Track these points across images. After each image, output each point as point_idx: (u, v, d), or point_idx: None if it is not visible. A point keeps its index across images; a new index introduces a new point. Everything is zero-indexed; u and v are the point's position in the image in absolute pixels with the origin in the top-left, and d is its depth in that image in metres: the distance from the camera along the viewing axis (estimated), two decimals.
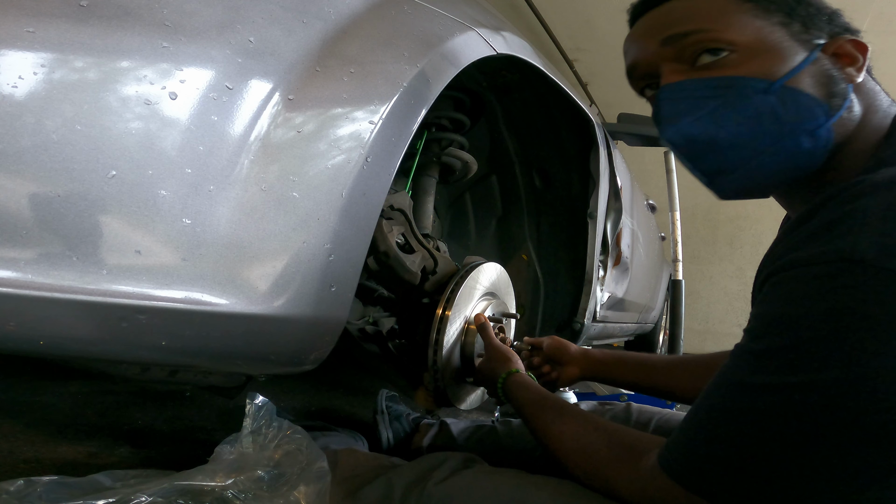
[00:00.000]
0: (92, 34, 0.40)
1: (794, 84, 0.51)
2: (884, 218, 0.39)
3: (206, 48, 0.46)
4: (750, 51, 0.52)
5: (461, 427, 1.04)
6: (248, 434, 0.67)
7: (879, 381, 0.38)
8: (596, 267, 1.41)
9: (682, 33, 0.54)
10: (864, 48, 0.53)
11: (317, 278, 0.52)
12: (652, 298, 2.68)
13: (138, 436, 0.99)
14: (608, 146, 1.46)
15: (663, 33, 0.56)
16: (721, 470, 0.45)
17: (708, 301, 5.36)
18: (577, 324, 1.42)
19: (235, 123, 0.48)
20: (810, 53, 0.52)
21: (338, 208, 0.53)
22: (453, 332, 0.93)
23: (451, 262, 1.00)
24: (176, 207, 0.44)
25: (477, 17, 0.83)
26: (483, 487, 0.61)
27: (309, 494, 0.61)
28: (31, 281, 0.38)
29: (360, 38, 0.59)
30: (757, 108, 0.51)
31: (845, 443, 0.40)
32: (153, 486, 0.56)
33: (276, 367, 0.57)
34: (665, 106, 0.55)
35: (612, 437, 0.59)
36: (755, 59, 0.52)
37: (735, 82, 0.52)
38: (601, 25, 3.86)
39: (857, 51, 0.53)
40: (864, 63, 0.53)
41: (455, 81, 0.71)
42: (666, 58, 0.56)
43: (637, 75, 0.61)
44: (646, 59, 0.58)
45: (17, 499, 0.53)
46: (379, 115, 0.56)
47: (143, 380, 0.61)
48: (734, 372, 0.47)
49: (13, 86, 0.37)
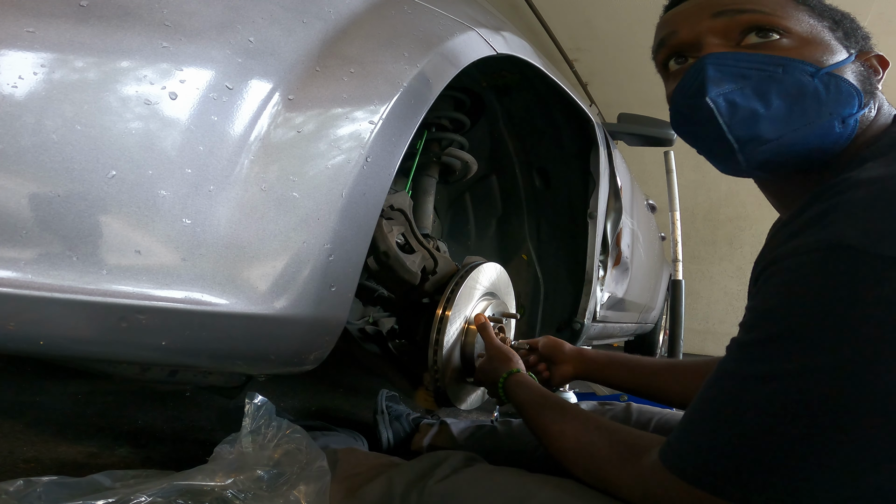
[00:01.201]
0: (92, 34, 0.40)
1: (839, 72, 0.55)
2: (868, 207, 0.41)
3: (206, 48, 0.46)
4: (801, 39, 0.56)
5: (461, 427, 1.04)
6: (248, 434, 0.67)
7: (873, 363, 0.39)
8: (596, 267, 1.41)
9: (739, 9, 0.57)
10: (886, 64, 0.60)
11: (317, 278, 0.52)
12: (652, 298, 2.68)
13: (138, 436, 0.99)
14: (608, 146, 1.46)
15: (717, 7, 0.58)
16: (723, 462, 0.46)
17: (708, 301, 5.36)
18: (577, 324, 1.42)
19: (235, 123, 0.48)
20: (850, 55, 0.57)
21: (338, 208, 0.53)
22: (453, 332, 0.93)
23: (451, 262, 1.00)
24: (176, 207, 0.44)
25: (477, 17, 0.83)
26: (483, 485, 0.61)
27: (309, 494, 0.61)
28: (31, 281, 0.38)
29: (360, 38, 0.59)
30: (802, 88, 0.54)
31: (845, 427, 0.40)
32: (153, 486, 0.56)
33: (276, 367, 0.57)
34: (711, 70, 0.57)
35: (613, 436, 0.59)
36: (806, 47, 0.56)
37: (787, 62, 0.55)
38: (601, 25, 3.86)
39: (880, 65, 0.59)
40: (883, 76, 0.59)
41: (455, 81, 0.71)
42: (713, 31, 0.58)
43: (671, 44, 0.62)
44: (690, 29, 0.60)
45: (16, 499, 0.53)
46: (379, 115, 0.56)
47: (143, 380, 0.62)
48: (731, 364, 0.48)
49: (13, 86, 0.37)
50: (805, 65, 0.55)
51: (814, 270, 0.41)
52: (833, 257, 0.41)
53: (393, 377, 1.05)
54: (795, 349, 0.42)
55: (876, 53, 0.59)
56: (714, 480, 0.46)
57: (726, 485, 0.45)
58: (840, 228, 0.41)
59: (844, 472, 0.41)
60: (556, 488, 0.58)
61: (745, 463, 0.44)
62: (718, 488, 0.46)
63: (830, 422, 0.40)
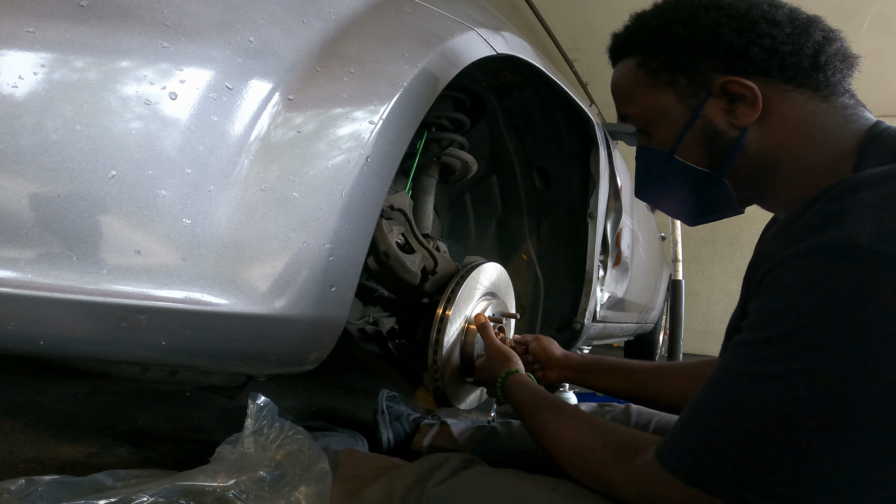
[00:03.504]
0: (92, 34, 0.40)
1: (681, 156, 0.61)
2: (878, 208, 0.41)
3: (206, 48, 0.46)
4: (652, 121, 0.63)
5: (462, 428, 1.04)
6: (250, 434, 0.67)
7: (880, 363, 0.38)
8: (596, 267, 1.41)
9: (622, 115, 0.68)
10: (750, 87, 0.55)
11: (317, 278, 0.52)
12: (652, 298, 2.68)
13: (138, 436, 0.99)
14: (608, 146, 1.46)
15: (618, 110, 0.69)
16: (721, 461, 0.45)
17: (708, 301, 5.36)
18: (577, 324, 1.42)
19: (235, 123, 0.48)
20: (693, 113, 0.59)
21: (338, 208, 0.53)
22: (453, 332, 0.93)
23: (451, 262, 1.00)
24: (176, 207, 0.44)
25: (477, 17, 0.83)
26: (481, 488, 0.61)
27: (310, 495, 0.61)
28: (31, 281, 0.38)
29: (360, 38, 0.59)
30: (665, 174, 0.64)
31: (848, 427, 0.40)
32: (155, 486, 0.56)
33: (277, 367, 0.57)
34: (637, 166, 0.69)
35: (608, 436, 0.59)
36: (658, 128, 0.63)
37: (647, 151, 0.65)
38: (601, 25, 3.86)
39: (742, 90, 0.56)
40: (755, 97, 0.55)
41: (455, 81, 0.71)
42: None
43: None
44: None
45: (18, 498, 0.53)
46: (379, 115, 0.56)
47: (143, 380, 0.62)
48: (734, 363, 0.47)
49: (13, 86, 0.37)
50: (658, 152, 0.63)
51: (823, 271, 0.41)
52: (842, 256, 0.40)
53: (393, 377, 1.05)
54: (804, 349, 0.42)
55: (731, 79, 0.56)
56: (711, 480, 0.46)
57: (723, 484, 0.45)
58: (850, 228, 0.41)
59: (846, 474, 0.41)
60: (552, 491, 0.57)
61: (744, 462, 0.44)
62: (715, 488, 0.45)
63: (837, 422, 0.40)
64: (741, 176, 0.59)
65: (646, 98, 0.62)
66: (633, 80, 0.63)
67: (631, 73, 0.64)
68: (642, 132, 0.65)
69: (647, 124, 0.63)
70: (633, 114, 0.65)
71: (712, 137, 0.58)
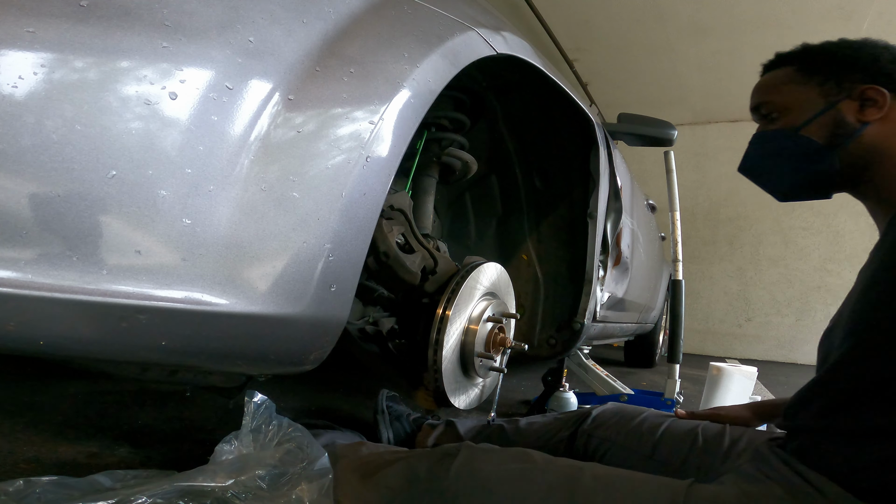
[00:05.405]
0: (92, 34, 0.40)
1: (806, 133, 0.75)
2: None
3: (206, 48, 0.46)
4: (788, 106, 0.77)
5: (468, 426, 1.04)
6: (248, 432, 0.67)
7: None
8: (596, 267, 1.41)
9: (757, 104, 0.82)
10: (883, 93, 0.72)
11: (317, 278, 0.52)
12: (652, 298, 2.68)
13: (138, 436, 0.99)
14: (608, 146, 1.46)
15: (751, 102, 0.84)
16: None
17: (708, 301, 5.35)
18: (577, 324, 1.42)
19: (235, 123, 0.47)
20: (830, 103, 0.74)
21: (338, 208, 0.53)
22: (453, 332, 0.93)
23: (451, 262, 1.00)
24: (176, 207, 0.44)
25: (477, 17, 0.83)
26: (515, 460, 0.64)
27: (311, 491, 0.61)
28: (31, 281, 0.38)
29: (360, 38, 0.59)
30: (782, 148, 0.77)
31: None
32: (154, 486, 0.56)
33: (276, 367, 0.57)
34: (749, 146, 0.83)
35: None
36: (790, 113, 0.77)
37: (765, 134, 0.80)
38: (601, 25, 3.86)
39: (877, 95, 0.72)
40: (884, 103, 0.71)
41: (455, 81, 0.71)
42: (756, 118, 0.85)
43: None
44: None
45: (16, 500, 0.53)
46: (379, 114, 0.56)
47: (143, 380, 0.61)
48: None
49: (13, 86, 0.37)
50: (782, 131, 0.77)
51: None
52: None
53: (393, 377, 1.05)
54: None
55: (868, 86, 0.72)
56: None
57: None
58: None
59: None
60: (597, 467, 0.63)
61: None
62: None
63: None
64: (849, 156, 0.72)
65: (792, 91, 0.77)
66: (784, 79, 0.79)
67: (785, 74, 0.80)
68: (767, 118, 0.80)
69: (776, 111, 0.78)
70: (772, 101, 0.79)
71: (839, 123, 0.73)
